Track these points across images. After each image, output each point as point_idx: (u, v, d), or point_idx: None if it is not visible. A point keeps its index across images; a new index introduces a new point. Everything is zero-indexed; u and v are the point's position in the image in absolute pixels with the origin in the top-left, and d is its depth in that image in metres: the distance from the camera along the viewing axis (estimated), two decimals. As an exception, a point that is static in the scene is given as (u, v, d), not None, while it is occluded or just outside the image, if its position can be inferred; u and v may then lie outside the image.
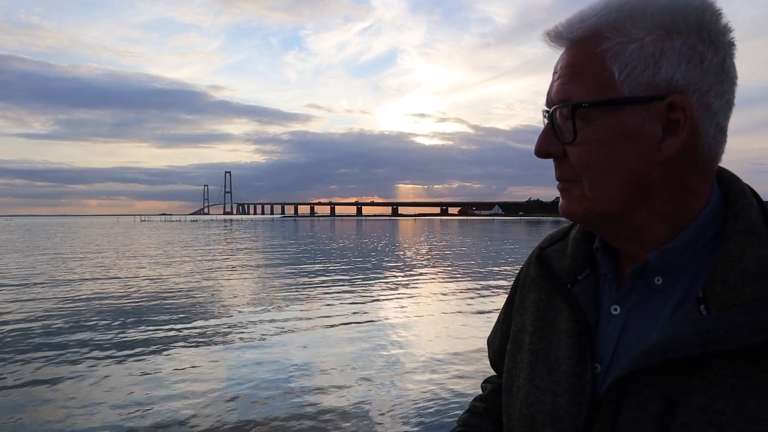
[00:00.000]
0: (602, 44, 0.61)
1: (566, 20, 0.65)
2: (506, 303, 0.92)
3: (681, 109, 0.60)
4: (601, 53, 0.61)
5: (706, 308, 0.59)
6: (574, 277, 0.74)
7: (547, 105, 0.68)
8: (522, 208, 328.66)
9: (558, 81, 0.66)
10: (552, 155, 0.67)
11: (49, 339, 7.34)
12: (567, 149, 0.65)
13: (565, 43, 0.66)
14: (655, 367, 0.58)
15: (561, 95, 0.65)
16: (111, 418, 4.56)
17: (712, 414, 0.55)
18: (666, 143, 0.61)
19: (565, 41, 0.65)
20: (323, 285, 12.75)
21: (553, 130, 0.66)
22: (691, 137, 0.61)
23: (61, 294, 11.31)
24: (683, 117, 0.60)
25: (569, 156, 0.65)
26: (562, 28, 0.65)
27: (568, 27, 0.65)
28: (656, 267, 0.65)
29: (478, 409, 0.95)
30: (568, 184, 0.67)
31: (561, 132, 0.65)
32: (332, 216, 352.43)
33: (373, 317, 8.78)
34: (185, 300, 10.55)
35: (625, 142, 0.61)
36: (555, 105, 0.65)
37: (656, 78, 0.60)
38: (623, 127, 0.61)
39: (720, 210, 0.65)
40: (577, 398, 0.66)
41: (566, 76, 0.64)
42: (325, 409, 4.75)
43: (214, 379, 5.57)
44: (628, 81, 0.60)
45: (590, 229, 0.73)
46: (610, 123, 0.61)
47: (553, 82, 0.67)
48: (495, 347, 0.94)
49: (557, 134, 0.66)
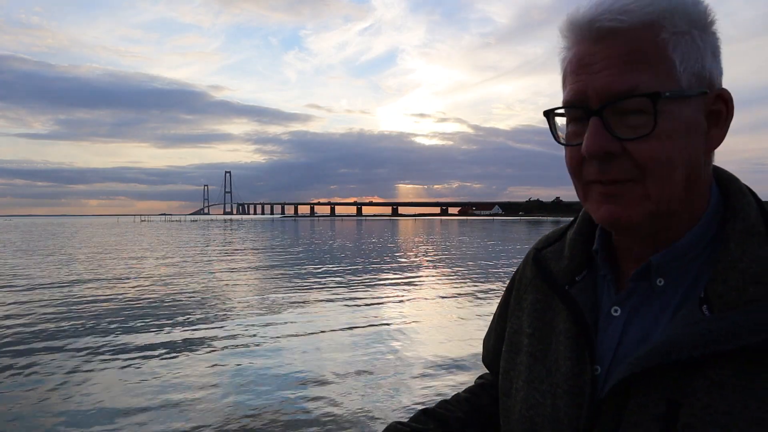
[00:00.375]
0: (661, 33, 0.59)
1: (604, 8, 0.59)
2: (501, 304, 0.91)
3: (724, 101, 0.62)
4: (662, 42, 0.59)
5: (709, 309, 0.59)
6: (572, 279, 0.74)
7: (591, 101, 0.61)
8: (522, 208, 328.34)
9: (608, 72, 0.59)
10: (610, 154, 0.60)
11: (47, 342, 7.32)
12: (629, 145, 0.59)
13: (600, 33, 0.60)
14: (658, 369, 0.58)
15: (622, 85, 0.58)
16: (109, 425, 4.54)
17: (715, 414, 0.54)
18: (709, 135, 0.63)
19: (606, 30, 0.59)
20: (323, 285, 12.74)
21: (604, 127, 0.60)
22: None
23: (59, 296, 11.27)
24: (725, 109, 0.63)
25: (633, 152, 0.59)
26: (605, 15, 0.59)
27: (614, 13, 0.59)
28: (658, 268, 0.64)
29: (459, 396, 0.95)
30: (623, 185, 0.61)
31: (625, 127, 0.59)
32: (332, 216, 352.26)
33: (374, 320, 8.75)
34: (186, 302, 10.53)
35: (688, 134, 0.60)
36: (614, 97, 0.59)
37: (703, 71, 0.61)
38: (687, 119, 0.60)
39: (719, 210, 0.65)
40: (576, 400, 0.66)
41: (624, 65, 0.59)
42: (326, 414, 4.73)
43: (209, 386, 5.54)
44: (686, 72, 0.60)
45: (633, 234, 0.65)
46: (680, 114, 0.59)
47: (593, 74, 0.60)
48: (489, 348, 0.93)
49: (609, 130, 0.60)
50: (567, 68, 0.65)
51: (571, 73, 0.63)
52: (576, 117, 0.64)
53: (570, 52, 0.64)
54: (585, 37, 0.62)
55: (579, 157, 0.64)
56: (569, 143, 0.65)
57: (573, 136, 0.65)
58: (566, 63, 0.65)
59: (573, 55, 0.63)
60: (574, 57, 0.63)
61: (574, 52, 0.63)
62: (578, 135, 0.64)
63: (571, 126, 0.66)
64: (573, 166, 0.65)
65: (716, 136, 0.63)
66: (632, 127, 0.59)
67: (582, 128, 0.63)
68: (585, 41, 0.62)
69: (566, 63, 0.65)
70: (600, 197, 0.63)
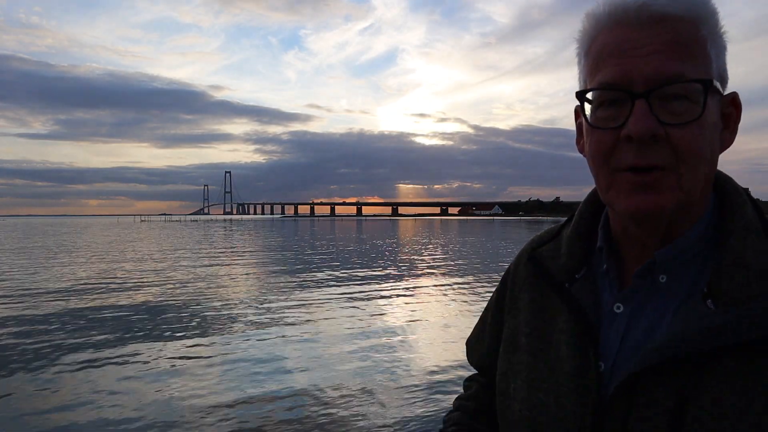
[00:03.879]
0: (701, 29, 0.60)
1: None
2: (493, 305, 0.90)
3: (736, 105, 0.65)
4: (703, 38, 0.60)
5: (714, 303, 0.59)
6: (572, 276, 0.74)
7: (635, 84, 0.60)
8: (522, 208, 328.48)
9: (658, 56, 0.59)
10: (654, 137, 0.59)
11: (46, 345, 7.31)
12: (672, 131, 0.59)
13: (652, 18, 0.60)
14: (665, 364, 0.58)
15: (672, 70, 0.59)
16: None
17: (723, 407, 0.55)
18: (722, 136, 0.64)
19: (658, 15, 0.59)
20: (324, 287, 12.73)
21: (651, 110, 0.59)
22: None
23: (56, 301, 11.25)
24: (736, 113, 0.65)
25: (674, 139, 0.59)
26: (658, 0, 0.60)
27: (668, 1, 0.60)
28: (662, 265, 0.65)
29: (468, 409, 0.92)
30: (659, 172, 0.60)
31: (667, 112, 0.59)
32: (332, 216, 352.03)
33: (375, 322, 8.75)
34: (187, 304, 10.51)
35: (714, 130, 0.62)
36: (663, 81, 0.59)
37: (724, 73, 0.64)
38: (715, 115, 0.62)
39: (717, 208, 0.67)
40: (582, 398, 0.66)
41: (672, 52, 0.59)
42: (327, 421, 4.73)
43: (207, 390, 5.54)
44: (717, 70, 0.62)
45: (655, 225, 0.64)
46: (713, 109, 0.61)
47: (640, 57, 0.60)
48: (483, 350, 0.92)
49: (655, 114, 0.59)
50: (602, 51, 0.63)
51: (610, 55, 0.62)
52: (611, 99, 0.62)
53: (603, 37, 0.63)
54: (628, 21, 0.61)
55: (611, 141, 0.62)
56: (602, 126, 0.63)
57: (605, 120, 0.63)
58: (598, 46, 0.64)
59: (610, 38, 0.62)
60: (612, 40, 0.62)
61: (613, 35, 0.62)
62: (612, 119, 0.62)
63: (601, 110, 0.64)
64: (603, 151, 0.63)
65: (728, 139, 0.65)
66: (675, 113, 0.59)
67: (617, 112, 0.62)
68: (627, 25, 0.61)
69: (598, 46, 0.64)
70: (630, 186, 0.61)
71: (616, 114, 0.62)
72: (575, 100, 0.68)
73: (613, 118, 0.62)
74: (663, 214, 0.61)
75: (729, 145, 0.65)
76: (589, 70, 0.65)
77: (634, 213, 0.62)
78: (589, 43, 0.65)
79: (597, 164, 0.65)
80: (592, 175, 0.67)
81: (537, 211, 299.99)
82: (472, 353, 0.97)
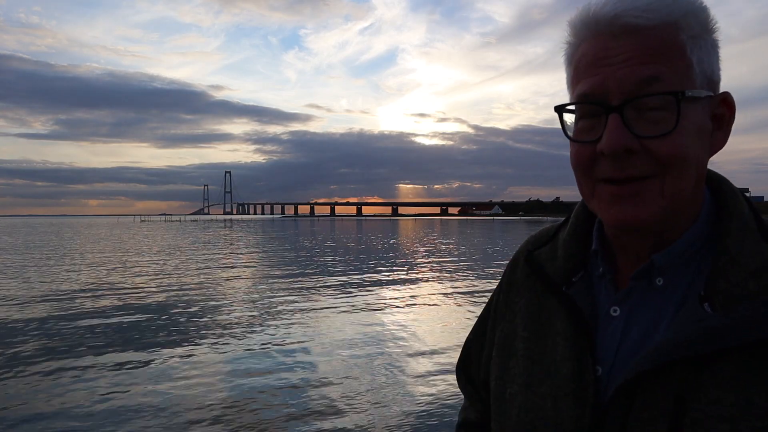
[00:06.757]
0: (680, 34, 0.60)
1: (628, 4, 0.59)
2: (489, 308, 0.89)
3: (727, 105, 0.64)
4: (681, 43, 0.60)
5: (710, 306, 0.59)
6: (568, 279, 0.73)
7: (611, 95, 0.60)
8: (522, 208, 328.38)
9: (630, 62, 0.59)
10: (629, 150, 0.59)
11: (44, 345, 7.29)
12: (647, 143, 0.59)
13: (624, 29, 0.60)
14: (664, 367, 0.58)
15: (645, 73, 0.59)
16: None
17: (723, 409, 0.55)
18: (713, 138, 0.64)
19: (631, 27, 0.59)
20: (324, 287, 12.73)
21: (624, 124, 0.59)
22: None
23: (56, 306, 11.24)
24: (728, 113, 0.64)
25: (653, 149, 0.59)
26: (630, 11, 0.59)
27: (639, 10, 0.59)
28: (659, 267, 0.64)
29: (471, 421, 0.93)
30: (641, 183, 0.60)
31: (644, 122, 0.59)
32: (332, 216, 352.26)
33: (378, 322, 8.74)
34: (187, 305, 10.50)
35: (699, 135, 0.61)
36: (637, 85, 0.59)
37: (712, 75, 0.63)
38: (700, 119, 0.61)
39: (713, 209, 0.67)
40: (580, 401, 0.65)
41: (646, 57, 0.59)
42: (328, 428, 4.72)
43: (207, 391, 5.53)
44: (700, 75, 0.61)
45: (640, 234, 0.65)
46: (694, 114, 0.60)
47: (613, 66, 0.60)
48: (477, 352, 0.90)
49: (629, 127, 0.59)
50: (580, 62, 0.63)
51: (588, 66, 0.62)
52: (589, 112, 0.63)
53: (584, 46, 0.63)
54: (604, 32, 0.61)
55: (590, 153, 0.63)
56: (579, 139, 0.64)
57: (583, 132, 0.64)
58: (578, 57, 0.64)
59: (589, 48, 0.63)
60: (590, 50, 0.62)
61: (591, 45, 0.62)
62: (589, 131, 0.63)
63: (582, 122, 0.64)
64: (583, 162, 0.64)
65: (720, 140, 0.64)
66: (652, 122, 0.59)
67: (594, 124, 0.62)
68: (604, 36, 0.61)
69: (578, 57, 0.64)
70: (611, 198, 0.62)
71: (592, 126, 0.63)
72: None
73: (589, 131, 0.63)
74: (646, 226, 0.62)
75: (722, 146, 0.65)
76: (571, 80, 0.66)
77: (616, 224, 0.63)
78: (572, 52, 0.66)
79: (579, 175, 0.66)
80: (577, 184, 0.68)
81: (537, 211, 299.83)
82: (471, 352, 0.93)
